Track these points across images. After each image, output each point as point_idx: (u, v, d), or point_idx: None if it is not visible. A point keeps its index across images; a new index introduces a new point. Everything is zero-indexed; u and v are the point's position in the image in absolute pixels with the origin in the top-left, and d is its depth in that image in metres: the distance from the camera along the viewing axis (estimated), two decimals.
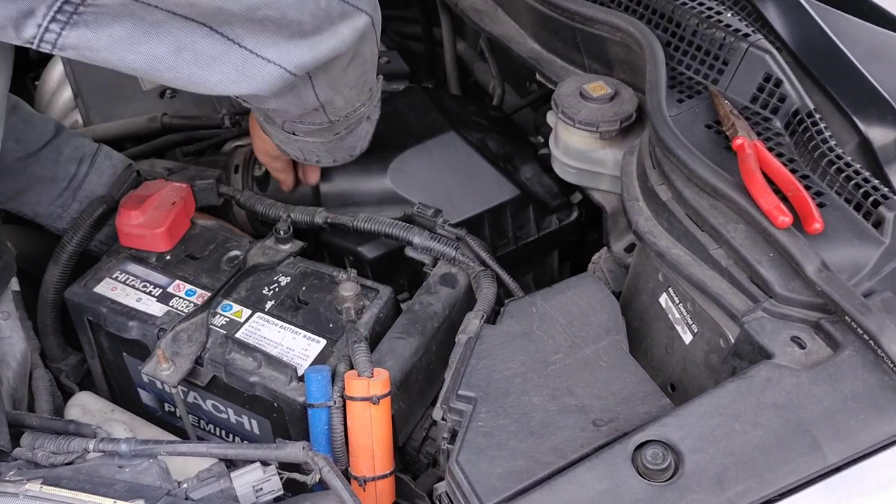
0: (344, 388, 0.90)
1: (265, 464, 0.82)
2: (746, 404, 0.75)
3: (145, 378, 1.07)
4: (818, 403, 0.74)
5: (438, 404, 0.89)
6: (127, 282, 1.06)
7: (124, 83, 1.47)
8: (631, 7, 1.08)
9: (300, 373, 0.93)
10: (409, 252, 1.09)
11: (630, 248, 1.12)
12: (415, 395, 1.01)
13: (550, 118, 1.19)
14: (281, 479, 0.82)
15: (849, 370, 0.76)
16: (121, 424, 1.02)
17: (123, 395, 1.13)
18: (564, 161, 1.11)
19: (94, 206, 1.14)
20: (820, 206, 0.86)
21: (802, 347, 0.80)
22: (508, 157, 1.29)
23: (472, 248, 1.08)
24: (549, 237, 1.29)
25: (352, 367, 0.93)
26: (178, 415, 1.09)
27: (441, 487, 0.85)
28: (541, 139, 1.39)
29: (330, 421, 0.90)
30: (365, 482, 0.91)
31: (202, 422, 1.07)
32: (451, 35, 1.67)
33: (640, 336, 0.99)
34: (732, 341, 0.85)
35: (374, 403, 0.88)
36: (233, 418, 1.02)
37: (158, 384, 1.06)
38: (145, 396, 1.11)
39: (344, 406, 0.90)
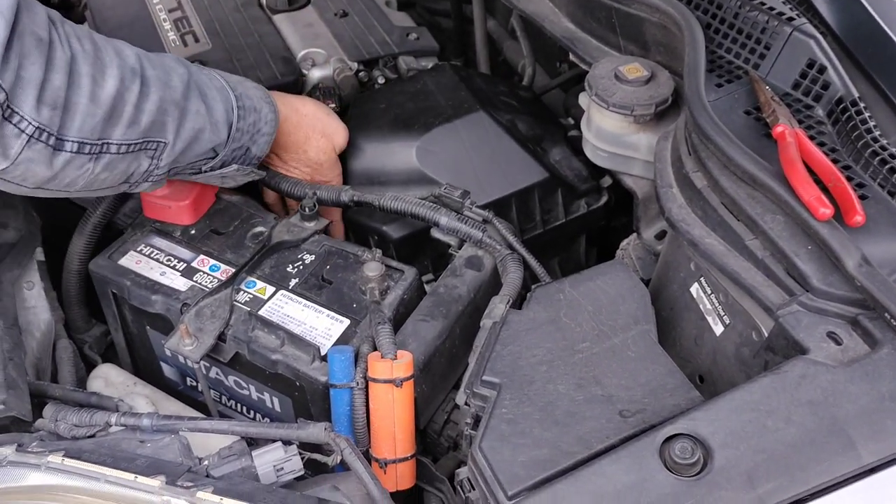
0: (367, 370, 0.89)
1: (287, 443, 0.82)
2: (780, 400, 0.73)
3: (168, 352, 1.06)
4: (854, 402, 0.72)
5: (462, 389, 0.88)
6: (151, 255, 1.05)
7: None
8: None
9: (323, 352, 0.92)
10: (435, 233, 1.08)
11: (661, 236, 1.10)
12: (437, 378, 0.99)
13: (583, 100, 1.16)
14: (302, 458, 0.82)
15: (887, 368, 0.74)
16: (143, 398, 1.02)
17: (146, 368, 1.13)
18: (596, 144, 1.09)
19: None
20: (862, 198, 0.83)
21: (839, 343, 0.78)
22: (538, 139, 1.27)
23: (499, 230, 1.06)
24: (576, 221, 1.27)
25: (375, 349, 0.92)
26: (199, 389, 1.09)
27: (463, 473, 0.85)
28: (571, 121, 1.37)
29: (352, 402, 0.89)
30: (386, 464, 0.90)
31: (223, 397, 1.07)
32: (482, 12, 1.64)
33: (668, 326, 0.97)
34: (766, 335, 0.83)
35: (398, 386, 0.87)
36: (254, 395, 1.02)
37: (181, 359, 1.06)
38: (168, 370, 1.11)
39: (366, 387, 0.89)
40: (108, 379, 1.05)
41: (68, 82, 0.82)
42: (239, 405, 1.06)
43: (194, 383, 1.10)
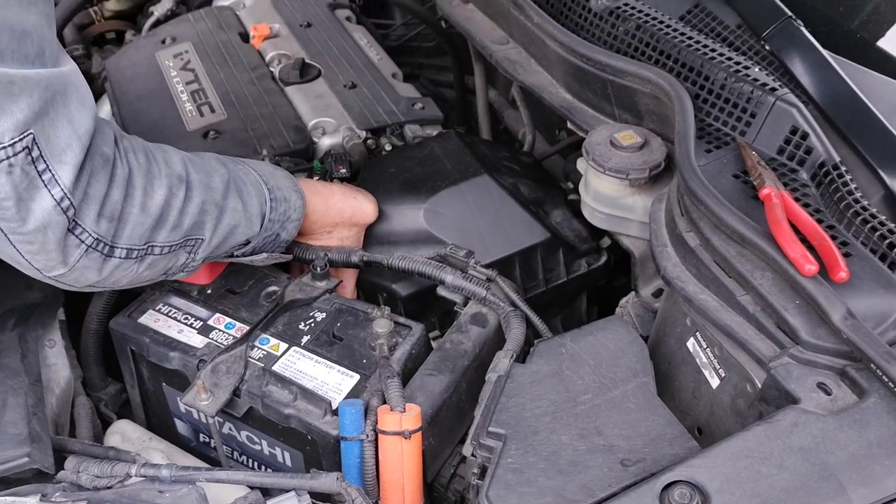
0: (376, 422, 0.92)
1: (299, 493, 0.85)
2: (773, 448, 0.77)
3: (182, 408, 1.10)
4: (844, 449, 0.76)
5: (468, 440, 0.91)
6: (169, 314, 1.10)
7: (168, 123, 1.54)
8: (661, 61, 1.12)
9: (334, 406, 0.96)
10: (441, 291, 1.12)
11: (658, 294, 1.14)
12: (444, 431, 1.03)
13: (581, 165, 1.22)
14: None
15: (874, 417, 0.77)
16: (158, 452, 1.05)
17: (160, 424, 1.16)
18: (594, 206, 1.14)
19: None
20: (846, 255, 0.88)
21: (828, 394, 0.81)
22: (539, 202, 1.33)
23: (503, 289, 1.10)
24: (577, 280, 1.32)
25: (384, 402, 0.95)
26: (212, 445, 1.12)
27: None
28: (570, 185, 1.43)
29: (362, 454, 0.92)
30: None
31: (235, 452, 1.09)
32: (484, 83, 1.73)
33: (667, 379, 1.01)
34: (759, 386, 0.86)
35: (406, 438, 0.91)
36: (266, 450, 1.05)
37: (195, 414, 1.09)
38: (181, 426, 1.14)
39: (376, 440, 0.92)
40: (125, 434, 1.08)
41: (124, 196, 0.89)
42: (250, 460, 1.09)
43: (207, 439, 1.13)
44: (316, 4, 1.81)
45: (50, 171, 0.80)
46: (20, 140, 0.76)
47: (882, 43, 1.30)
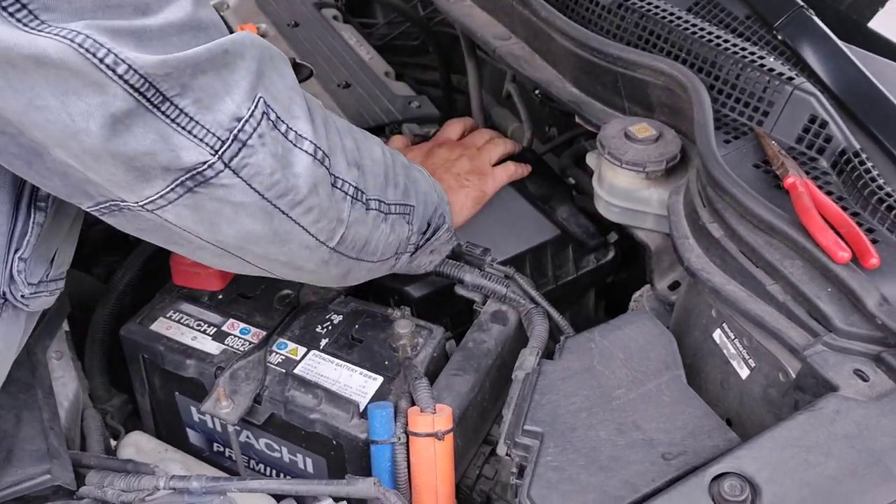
0: (407, 425, 0.91)
1: (336, 500, 0.83)
2: (818, 436, 0.76)
3: (196, 418, 1.07)
4: (888, 434, 0.76)
5: (502, 440, 0.90)
6: (181, 321, 1.07)
7: None
8: (672, 52, 1.12)
9: (362, 409, 0.94)
10: (460, 290, 1.11)
11: (674, 286, 1.14)
12: (470, 432, 1.01)
13: (591, 159, 1.21)
14: None
15: None
16: (177, 463, 1.02)
17: (171, 434, 1.13)
18: (609, 200, 1.13)
19: (144, 248, 1.15)
20: (873, 242, 0.88)
21: (865, 380, 0.81)
22: (546, 199, 1.32)
23: (521, 285, 1.09)
24: (586, 276, 1.31)
25: (412, 404, 0.93)
26: (226, 455, 1.09)
27: None
28: (572, 181, 1.42)
29: (394, 458, 0.90)
30: None
31: (252, 462, 1.07)
32: (477, 80, 1.71)
33: (693, 372, 1.00)
34: (793, 375, 0.86)
35: (439, 439, 0.89)
36: (286, 457, 1.02)
37: (209, 424, 1.06)
38: (193, 436, 1.11)
39: (407, 442, 0.91)
40: (139, 446, 1.05)
41: (355, 144, 0.87)
42: (268, 469, 1.06)
43: (221, 448, 1.10)
44: (302, 3, 1.78)
45: (291, 128, 0.76)
46: (256, 107, 0.72)
47: (873, 24, 1.32)
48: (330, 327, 1.06)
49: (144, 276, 1.16)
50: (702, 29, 1.11)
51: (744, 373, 0.93)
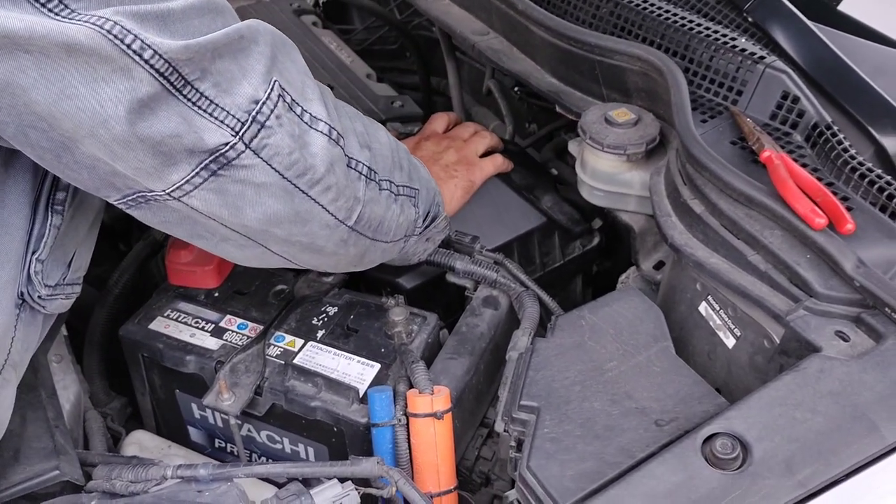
0: (406, 406, 0.93)
1: (341, 481, 0.85)
2: (803, 394, 0.79)
3: (197, 414, 1.09)
4: (870, 389, 0.79)
5: (499, 417, 0.92)
6: (179, 319, 1.08)
7: None
8: (648, 38, 1.15)
9: (361, 394, 0.96)
10: (451, 277, 1.13)
11: (658, 266, 1.17)
12: (467, 414, 1.03)
13: (573, 146, 1.25)
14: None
15: (894, 357, 0.81)
16: (180, 459, 1.03)
17: (172, 432, 1.14)
18: (592, 185, 1.16)
19: (139, 250, 1.17)
20: (848, 209, 0.91)
21: (846, 340, 0.84)
22: (530, 188, 1.35)
23: (511, 270, 1.12)
24: (573, 262, 1.34)
25: (410, 387, 0.96)
26: (228, 450, 1.11)
27: (512, 495, 0.88)
28: (555, 171, 1.45)
29: (395, 439, 0.93)
30: (431, 498, 0.93)
31: (254, 455, 1.08)
32: (458, 80, 1.74)
33: (680, 345, 1.03)
34: (778, 341, 0.89)
35: (438, 419, 0.91)
36: (288, 448, 1.04)
37: (211, 419, 1.08)
38: (194, 434, 1.12)
39: (407, 423, 0.93)
40: (142, 444, 1.06)
41: (364, 127, 0.90)
42: (270, 461, 1.08)
43: (222, 444, 1.11)
44: (281, 11, 1.81)
45: (306, 110, 0.78)
46: (272, 90, 0.74)
47: (843, 7, 1.36)
48: (326, 319, 1.08)
49: (140, 280, 1.17)
50: (675, 14, 1.14)
51: (730, 342, 0.96)
